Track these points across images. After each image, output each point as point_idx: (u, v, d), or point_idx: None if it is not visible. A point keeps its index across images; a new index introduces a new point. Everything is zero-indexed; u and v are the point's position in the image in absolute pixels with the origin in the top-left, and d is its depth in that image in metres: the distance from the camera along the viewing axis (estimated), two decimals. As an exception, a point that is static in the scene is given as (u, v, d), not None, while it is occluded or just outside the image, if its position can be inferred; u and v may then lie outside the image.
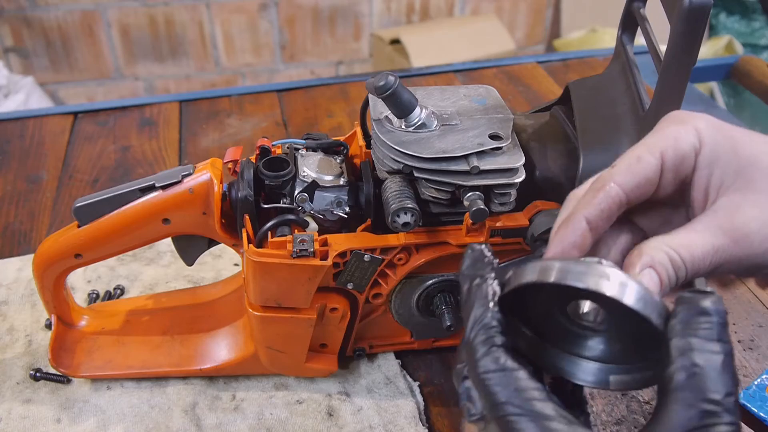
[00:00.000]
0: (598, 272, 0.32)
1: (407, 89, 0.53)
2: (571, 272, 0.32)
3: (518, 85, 1.16)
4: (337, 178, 0.56)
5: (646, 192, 0.37)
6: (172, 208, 0.55)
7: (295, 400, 0.62)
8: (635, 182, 0.36)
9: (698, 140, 0.37)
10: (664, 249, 0.34)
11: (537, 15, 2.62)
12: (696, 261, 0.35)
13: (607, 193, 0.36)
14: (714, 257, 0.35)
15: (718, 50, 2.03)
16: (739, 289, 0.75)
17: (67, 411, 0.61)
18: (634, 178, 0.36)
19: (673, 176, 0.37)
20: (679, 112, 0.39)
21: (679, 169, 0.37)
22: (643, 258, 0.34)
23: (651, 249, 0.35)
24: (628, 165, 0.37)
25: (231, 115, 1.09)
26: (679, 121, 0.38)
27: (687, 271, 0.35)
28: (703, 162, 0.37)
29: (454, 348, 0.67)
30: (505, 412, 0.30)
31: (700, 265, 0.35)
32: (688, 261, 0.34)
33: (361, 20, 2.43)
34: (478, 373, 0.32)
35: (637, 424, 0.60)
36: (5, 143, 1.01)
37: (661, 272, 0.34)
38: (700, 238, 0.35)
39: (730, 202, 0.36)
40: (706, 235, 0.35)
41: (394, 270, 0.56)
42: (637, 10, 0.55)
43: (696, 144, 0.37)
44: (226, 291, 0.67)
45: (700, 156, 0.37)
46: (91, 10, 2.18)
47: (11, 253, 0.80)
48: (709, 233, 0.35)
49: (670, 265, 0.34)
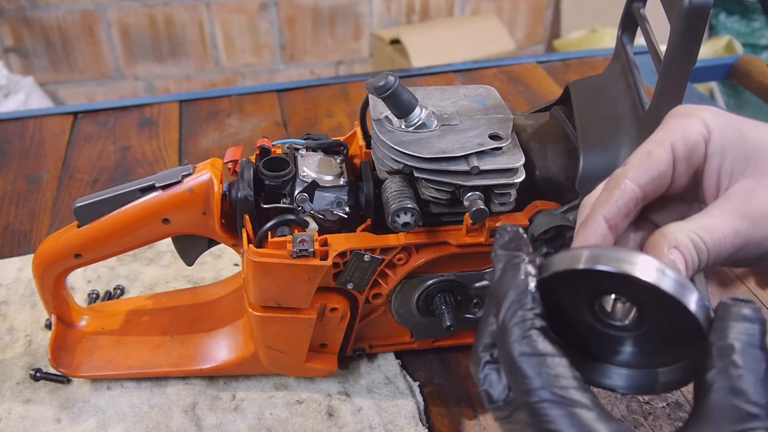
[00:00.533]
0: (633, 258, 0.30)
1: (407, 89, 0.53)
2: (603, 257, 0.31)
3: (518, 85, 1.16)
4: (337, 178, 0.56)
5: (661, 186, 0.37)
6: (172, 208, 0.55)
7: (295, 400, 0.62)
8: (649, 176, 0.36)
9: (706, 129, 0.37)
10: (686, 232, 0.34)
11: (537, 15, 2.62)
12: (717, 243, 0.34)
13: (622, 190, 0.36)
14: (735, 239, 0.35)
15: (718, 50, 2.03)
16: (740, 289, 0.75)
17: (67, 411, 0.61)
18: (647, 173, 0.36)
19: (685, 167, 0.37)
20: (684, 106, 0.39)
21: (690, 159, 0.37)
22: (668, 238, 0.34)
23: (674, 232, 0.34)
24: (640, 160, 0.37)
25: (231, 115, 1.09)
26: (685, 113, 0.38)
27: (709, 255, 0.34)
28: (714, 150, 0.37)
29: (454, 348, 0.67)
30: (539, 398, 0.29)
31: (721, 248, 0.34)
32: (710, 244, 0.34)
33: (361, 20, 2.43)
34: (513, 357, 0.31)
35: (637, 424, 0.60)
36: (5, 143, 1.01)
37: (685, 254, 0.34)
38: (719, 222, 0.35)
39: (743, 187, 0.36)
40: (725, 219, 0.35)
41: (394, 270, 0.56)
42: (637, 10, 0.55)
43: (705, 133, 0.37)
44: (226, 291, 0.67)
45: (710, 144, 0.37)
46: (91, 10, 2.18)
47: (11, 253, 0.80)
48: (728, 216, 0.35)
49: (693, 248, 0.34)
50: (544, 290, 0.33)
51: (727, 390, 0.29)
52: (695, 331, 0.31)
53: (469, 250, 0.55)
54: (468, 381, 0.65)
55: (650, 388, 0.36)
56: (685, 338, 0.32)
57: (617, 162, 0.52)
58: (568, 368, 0.30)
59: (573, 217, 0.53)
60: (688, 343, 0.32)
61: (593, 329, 0.35)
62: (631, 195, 0.36)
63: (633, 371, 0.36)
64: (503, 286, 0.33)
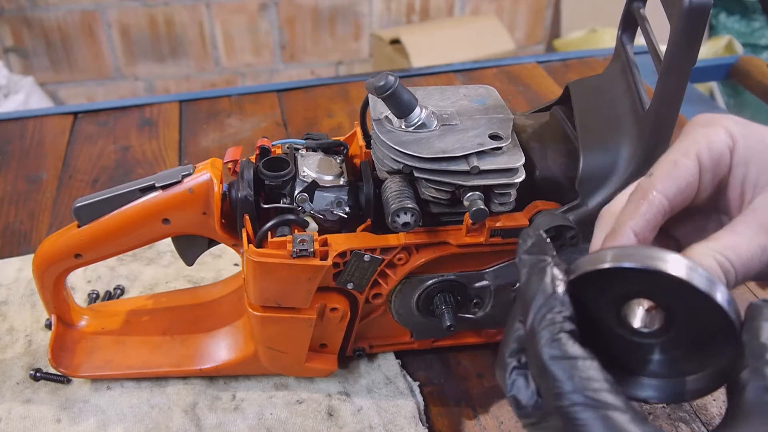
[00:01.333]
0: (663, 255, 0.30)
1: (407, 89, 0.53)
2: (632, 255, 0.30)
3: (518, 85, 1.16)
4: (337, 178, 0.56)
5: (688, 197, 0.36)
6: (172, 208, 0.55)
7: (295, 400, 0.62)
8: (677, 187, 0.36)
9: (731, 139, 0.36)
10: (711, 254, 0.33)
11: (537, 15, 2.62)
12: (744, 262, 0.33)
13: (651, 203, 0.35)
14: (763, 256, 0.34)
15: (718, 50, 2.03)
16: (740, 289, 0.75)
17: (67, 411, 0.61)
18: (675, 183, 0.36)
19: (711, 177, 0.36)
20: (705, 114, 0.38)
21: (716, 169, 0.36)
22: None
23: (698, 255, 0.33)
24: (667, 171, 0.36)
25: (231, 115, 1.09)
26: (707, 123, 0.37)
27: (737, 274, 0.33)
28: (739, 160, 0.36)
29: (454, 348, 0.67)
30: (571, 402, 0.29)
31: (749, 266, 0.34)
32: (737, 263, 0.33)
33: (361, 20, 2.43)
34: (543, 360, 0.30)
35: (637, 424, 0.60)
36: (5, 143, 1.01)
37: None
38: (746, 239, 0.34)
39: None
40: (750, 235, 0.34)
41: (394, 270, 0.56)
42: (637, 10, 0.55)
43: (729, 143, 0.36)
44: (226, 291, 0.67)
45: (735, 154, 0.36)
46: (91, 10, 2.18)
47: (11, 253, 0.80)
48: (753, 232, 0.34)
49: (719, 269, 0.33)
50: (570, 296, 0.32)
51: (762, 389, 0.28)
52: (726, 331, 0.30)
53: (469, 250, 0.55)
54: (468, 381, 0.65)
55: (679, 397, 0.35)
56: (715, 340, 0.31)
57: (617, 162, 0.52)
58: (599, 371, 0.29)
59: (573, 217, 0.53)
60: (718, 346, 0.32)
61: (619, 337, 0.34)
62: (660, 208, 0.35)
63: (661, 381, 0.35)
64: (530, 290, 0.32)
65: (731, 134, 0.36)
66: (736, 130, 0.36)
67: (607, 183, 0.52)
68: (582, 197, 0.53)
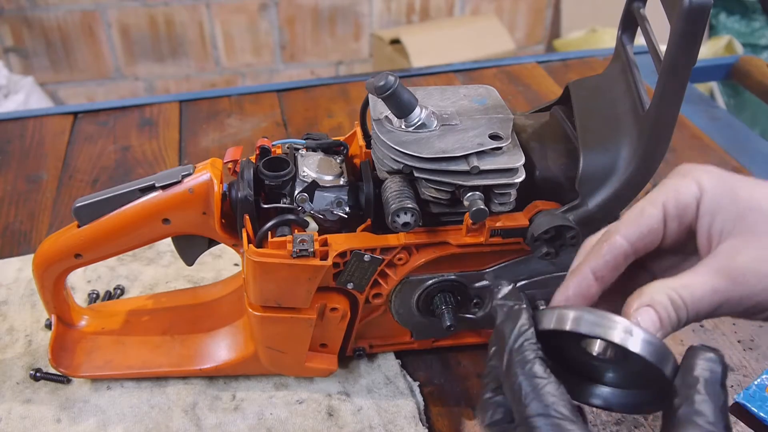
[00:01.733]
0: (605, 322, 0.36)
1: (407, 89, 0.53)
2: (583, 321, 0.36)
3: (518, 85, 1.16)
4: (337, 178, 0.56)
5: (652, 242, 0.40)
6: (172, 208, 0.55)
7: (295, 400, 0.62)
8: (639, 233, 0.40)
9: (699, 190, 0.40)
10: (665, 290, 0.37)
11: (537, 15, 2.62)
12: (696, 301, 0.37)
13: (611, 245, 0.40)
14: (713, 297, 0.37)
15: (718, 50, 2.03)
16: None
17: (67, 411, 0.61)
18: (638, 229, 0.40)
19: (677, 225, 0.40)
20: (685, 165, 0.42)
21: (682, 218, 0.40)
22: (642, 298, 0.38)
23: (652, 290, 0.38)
24: (633, 218, 0.40)
25: (231, 115, 1.09)
26: (682, 174, 0.41)
27: (688, 311, 0.37)
28: (705, 210, 0.40)
29: (454, 348, 0.67)
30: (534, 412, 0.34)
31: (699, 305, 0.37)
32: (689, 301, 0.37)
33: (361, 20, 2.43)
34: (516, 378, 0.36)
35: (637, 424, 0.60)
36: (5, 143, 1.01)
37: (660, 311, 0.37)
38: (701, 280, 0.38)
39: (730, 246, 0.39)
40: (706, 277, 0.38)
41: (394, 270, 0.56)
42: (637, 10, 0.55)
43: (697, 194, 0.40)
44: (226, 291, 0.67)
45: (702, 205, 0.40)
46: (91, 10, 2.17)
47: (11, 253, 0.80)
48: (709, 275, 0.38)
49: (670, 305, 0.37)
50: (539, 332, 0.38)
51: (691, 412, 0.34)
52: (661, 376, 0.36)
53: (469, 250, 0.55)
54: (468, 381, 0.65)
55: (638, 408, 0.41)
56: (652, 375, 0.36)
57: (617, 162, 0.52)
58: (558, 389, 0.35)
59: (573, 217, 0.53)
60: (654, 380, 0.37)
61: (582, 360, 0.40)
62: (620, 250, 0.40)
63: (623, 391, 0.41)
64: (508, 326, 0.38)
65: (701, 186, 0.40)
66: (707, 181, 0.40)
67: (607, 183, 0.52)
68: (582, 197, 0.53)
